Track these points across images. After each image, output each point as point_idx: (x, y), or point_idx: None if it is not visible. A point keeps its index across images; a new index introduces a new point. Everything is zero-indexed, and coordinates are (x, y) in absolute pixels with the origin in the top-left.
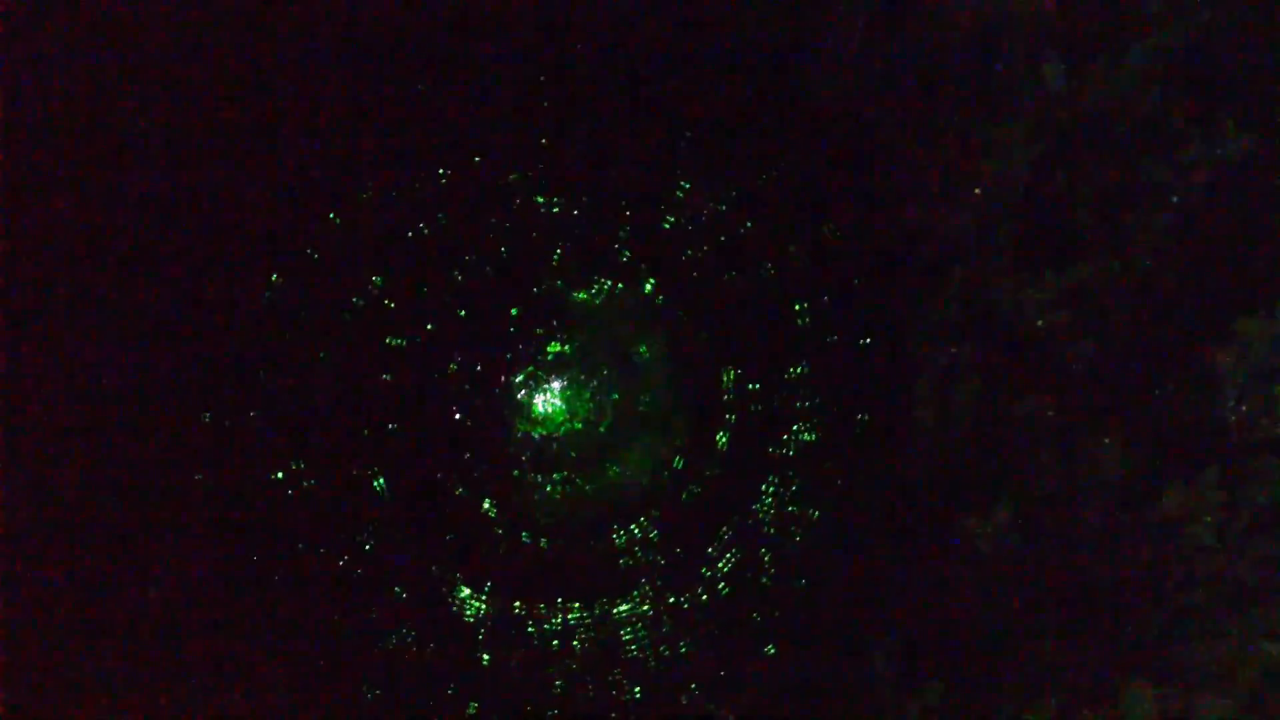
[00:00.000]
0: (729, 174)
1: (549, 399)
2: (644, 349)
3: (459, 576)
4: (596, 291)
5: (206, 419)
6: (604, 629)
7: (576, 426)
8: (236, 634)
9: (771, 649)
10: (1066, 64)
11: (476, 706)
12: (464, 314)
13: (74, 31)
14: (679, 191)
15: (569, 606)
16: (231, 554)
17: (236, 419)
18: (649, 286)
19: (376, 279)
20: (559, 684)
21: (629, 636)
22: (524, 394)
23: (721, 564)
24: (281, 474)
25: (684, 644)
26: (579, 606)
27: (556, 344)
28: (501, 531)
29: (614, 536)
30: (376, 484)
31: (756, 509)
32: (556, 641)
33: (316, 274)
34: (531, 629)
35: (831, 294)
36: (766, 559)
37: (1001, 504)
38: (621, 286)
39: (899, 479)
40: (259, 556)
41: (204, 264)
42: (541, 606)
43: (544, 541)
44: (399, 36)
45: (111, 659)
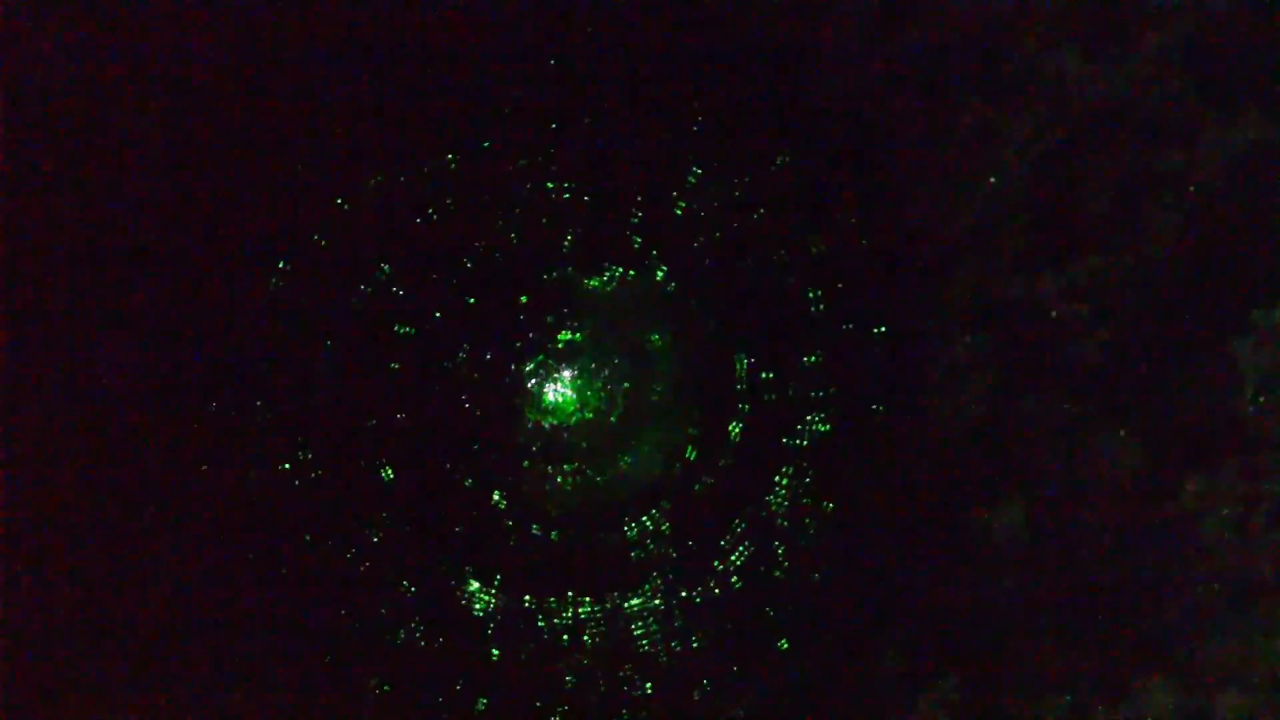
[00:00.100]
0: (741, 160)
1: (559, 388)
2: (656, 337)
3: (468, 570)
4: (608, 279)
5: (212, 409)
6: (615, 623)
7: (587, 416)
8: (242, 628)
9: (784, 644)
10: (1080, 52)
11: (486, 702)
12: (473, 302)
13: (74, 18)
14: (691, 178)
15: (579, 600)
16: (237, 547)
17: (242, 410)
18: (661, 274)
19: (384, 267)
20: (569, 679)
21: (640, 631)
22: (534, 383)
23: (734, 557)
24: (288, 465)
25: (696, 639)
26: (589, 600)
27: (567, 332)
28: (511, 524)
29: (625, 529)
30: (384, 475)
31: (770, 501)
32: (566, 636)
33: (324, 262)
34: (541, 623)
35: (846, 281)
36: (780, 552)
37: (1015, 498)
38: (633, 274)
39: (912, 471)
40: (265, 549)
41: (210, 252)
42: (551, 600)
43: (554, 534)
44: (407, 21)
45: (116, 654)
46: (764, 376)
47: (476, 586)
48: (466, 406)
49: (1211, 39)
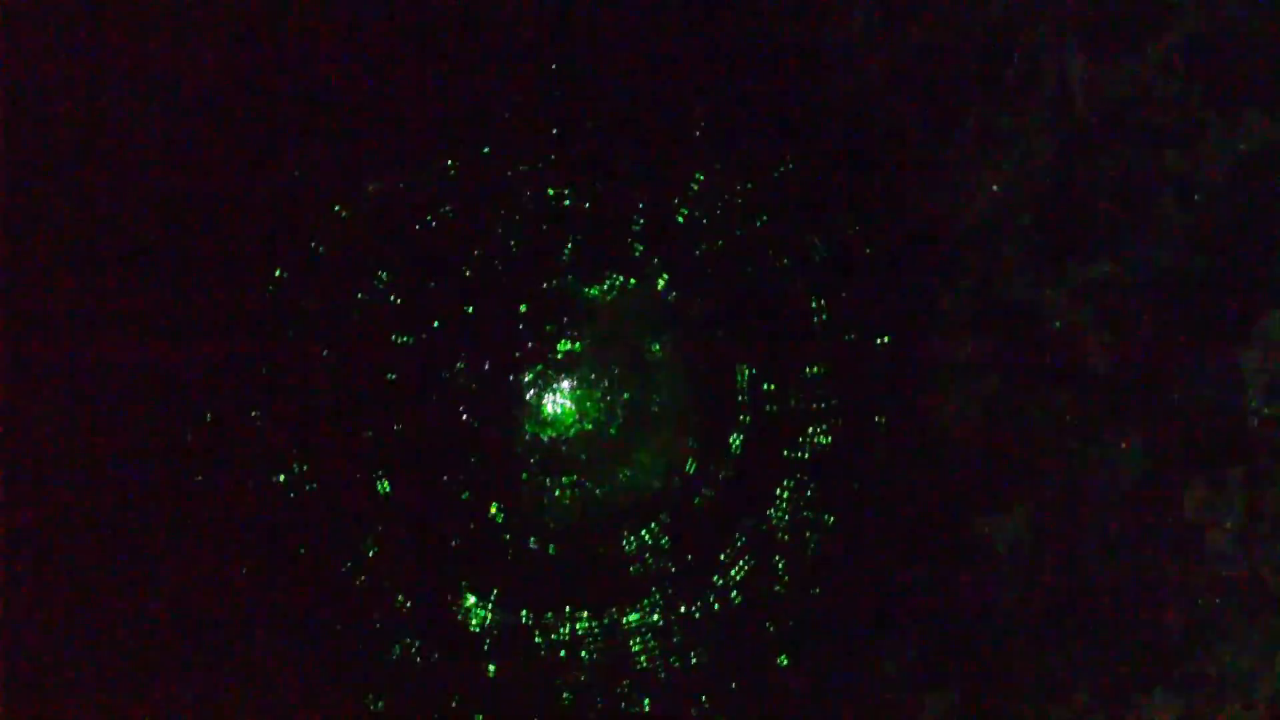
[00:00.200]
0: (744, 167)
1: (558, 399)
2: (656, 347)
3: (464, 584)
4: (608, 288)
5: (207, 419)
6: (613, 639)
7: (587, 428)
8: (234, 641)
9: (784, 660)
10: (1085, 55)
11: (481, 718)
12: (471, 311)
13: (73, 20)
14: (693, 185)
15: (577, 616)
16: (230, 559)
17: (237, 420)
18: (662, 283)
19: (382, 274)
20: (566, 695)
21: (639, 647)
22: (533, 394)
23: (734, 572)
24: (283, 476)
25: (695, 655)
26: (587, 616)
27: (566, 342)
28: (508, 537)
29: (624, 542)
30: (380, 487)
31: (771, 514)
32: (564, 652)
33: (320, 269)
34: (538, 639)
35: (849, 290)
36: (781, 566)
37: (1017, 507)
38: (634, 282)
39: (914, 481)
40: (258, 561)
41: (204, 259)
42: (549, 615)
43: (552, 547)
44: (405, 24)
45: (107, 668)
46: (766, 387)
47: (473, 601)
48: (464, 417)
49: (1217, 42)
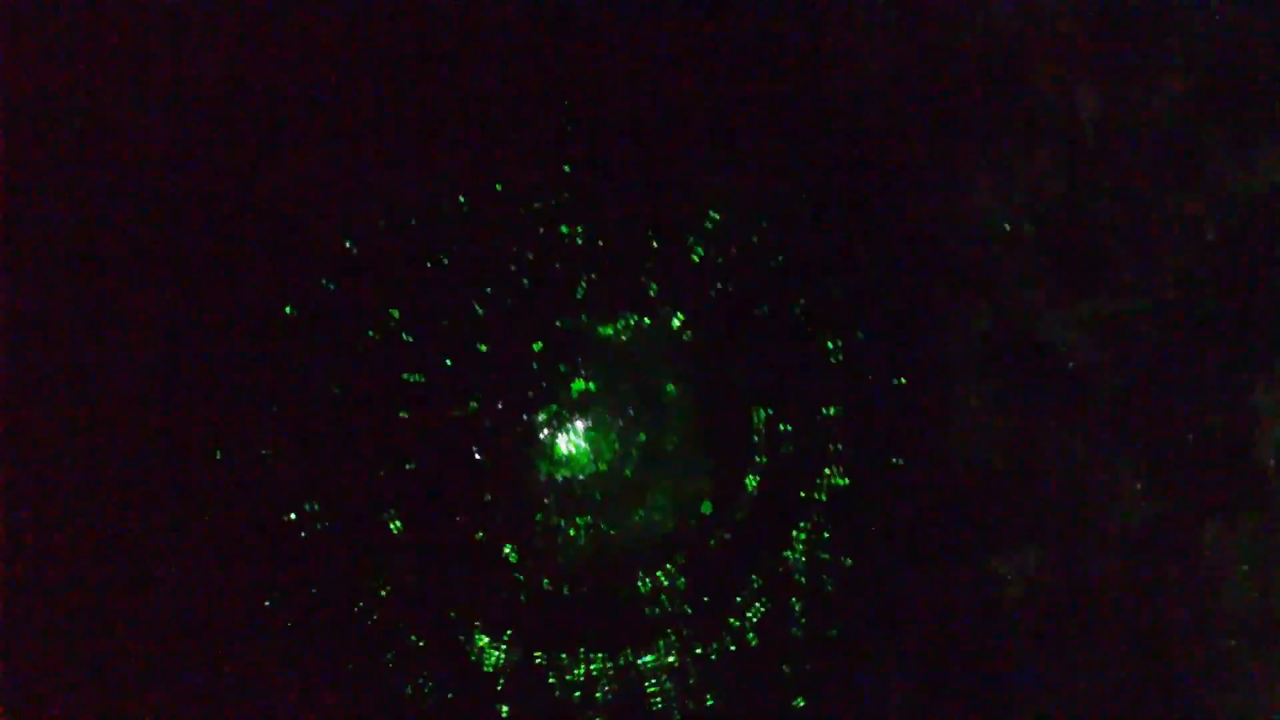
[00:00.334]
0: (759, 206)
1: (573, 439)
2: (671, 387)
3: (477, 624)
4: (623, 327)
5: (217, 457)
6: (628, 680)
7: (601, 468)
8: (246, 681)
9: (800, 702)
10: (1097, 92)
11: None
12: (484, 349)
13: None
14: (708, 223)
15: (591, 656)
16: (241, 598)
17: (248, 457)
18: (677, 322)
19: (393, 311)
20: None
21: (654, 688)
22: (547, 434)
23: (750, 613)
24: (294, 515)
25: (710, 697)
26: (602, 657)
27: (581, 381)
28: (522, 577)
29: (639, 584)
30: (392, 526)
31: (787, 556)
32: (578, 693)
33: (331, 306)
34: (552, 679)
35: (866, 330)
36: (797, 608)
37: (1030, 546)
38: (649, 321)
39: (929, 522)
40: (269, 601)
41: (213, 296)
42: (563, 656)
43: (566, 588)
44: (419, 59)
45: (117, 706)
46: (782, 428)
47: (486, 641)
48: (477, 457)
49: (1231, 79)
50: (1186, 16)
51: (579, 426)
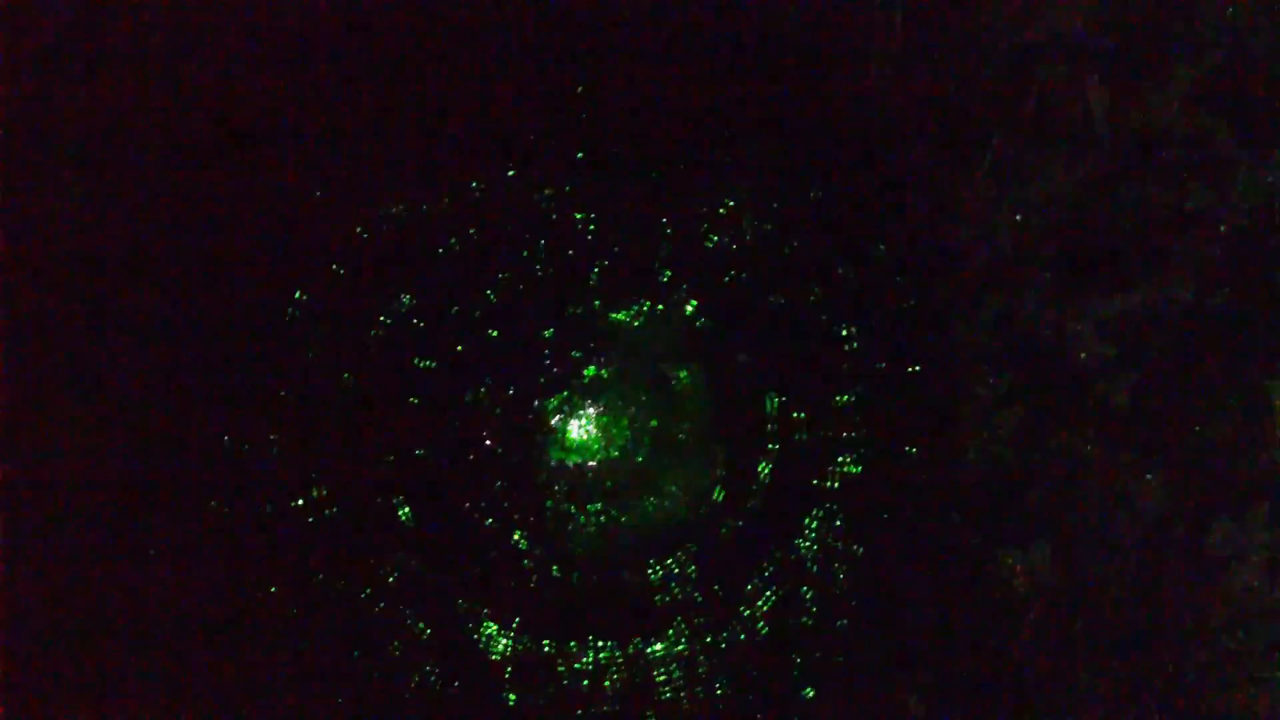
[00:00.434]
0: (773, 193)
1: (584, 425)
2: (684, 374)
3: (485, 612)
4: (635, 313)
5: (225, 443)
6: (637, 669)
7: (613, 455)
8: (250, 668)
9: (810, 692)
10: (1109, 88)
11: None
12: (496, 335)
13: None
14: (722, 209)
15: (600, 645)
16: (247, 584)
17: (255, 443)
18: (690, 308)
19: (404, 298)
20: None
21: (663, 677)
22: (558, 420)
23: (761, 602)
24: (301, 501)
25: (720, 686)
26: (611, 645)
27: (593, 367)
28: (531, 565)
29: (649, 572)
30: (401, 513)
31: (799, 544)
32: (586, 682)
33: (342, 292)
34: (560, 668)
35: (881, 318)
36: (809, 597)
37: (1040, 541)
38: (661, 308)
39: (941, 514)
40: (276, 588)
41: (222, 281)
42: (572, 645)
43: (576, 576)
44: (431, 44)
45: (119, 697)
46: (795, 415)
47: (494, 629)
48: (487, 443)
49: (1243, 76)
50: (1198, 11)
51: (590, 413)
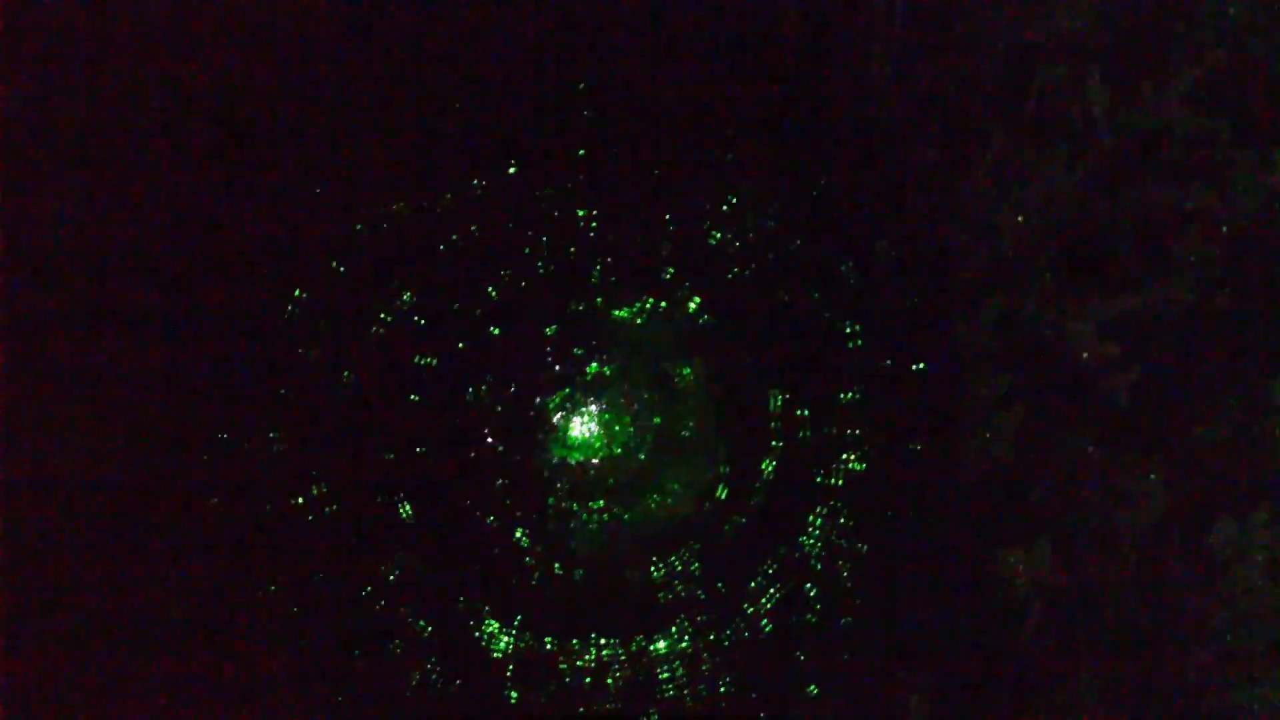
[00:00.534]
0: (777, 190)
1: (586, 423)
2: (687, 371)
3: (487, 610)
4: (638, 310)
5: (224, 439)
6: (640, 667)
7: (615, 452)
8: (250, 666)
9: (814, 690)
10: (1109, 87)
11: None
12: (497, 332)
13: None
14: (725, 206)
15: (603, 643)
16: (247, 582)
17: (255, 441)
18: (693, 305)
19: (405, 295)
20: None
21: (666, 675)
22: (560, 417)
23: (765, 600)
24: (302, 499)
25: (723, 684)
26: (614, 643)
27: (595, 365)
28: (533, 562)
29: (652, 569)
30: (402, 511)
31: (803, 542)
32: (589, 679)
33: (342, 289)
34: (563, 666)
35: (883, 316)
36: (812, 595)
37: (1042, 539)
38: (664, 305)
39: (944, 512)
40: (276, 586)
41: (223, 278)
42: (574, 642)
43: (578, 574)
44: (432, 40)
45: (118, 694)
46: (799, 412)
47: (496, 627)
48: (489, 441)
49: (1243, 76)
50: (1198, 11)
51: (593, 410)
